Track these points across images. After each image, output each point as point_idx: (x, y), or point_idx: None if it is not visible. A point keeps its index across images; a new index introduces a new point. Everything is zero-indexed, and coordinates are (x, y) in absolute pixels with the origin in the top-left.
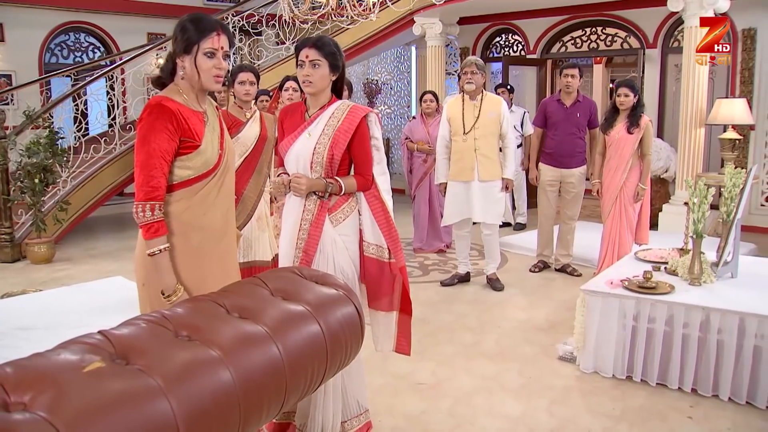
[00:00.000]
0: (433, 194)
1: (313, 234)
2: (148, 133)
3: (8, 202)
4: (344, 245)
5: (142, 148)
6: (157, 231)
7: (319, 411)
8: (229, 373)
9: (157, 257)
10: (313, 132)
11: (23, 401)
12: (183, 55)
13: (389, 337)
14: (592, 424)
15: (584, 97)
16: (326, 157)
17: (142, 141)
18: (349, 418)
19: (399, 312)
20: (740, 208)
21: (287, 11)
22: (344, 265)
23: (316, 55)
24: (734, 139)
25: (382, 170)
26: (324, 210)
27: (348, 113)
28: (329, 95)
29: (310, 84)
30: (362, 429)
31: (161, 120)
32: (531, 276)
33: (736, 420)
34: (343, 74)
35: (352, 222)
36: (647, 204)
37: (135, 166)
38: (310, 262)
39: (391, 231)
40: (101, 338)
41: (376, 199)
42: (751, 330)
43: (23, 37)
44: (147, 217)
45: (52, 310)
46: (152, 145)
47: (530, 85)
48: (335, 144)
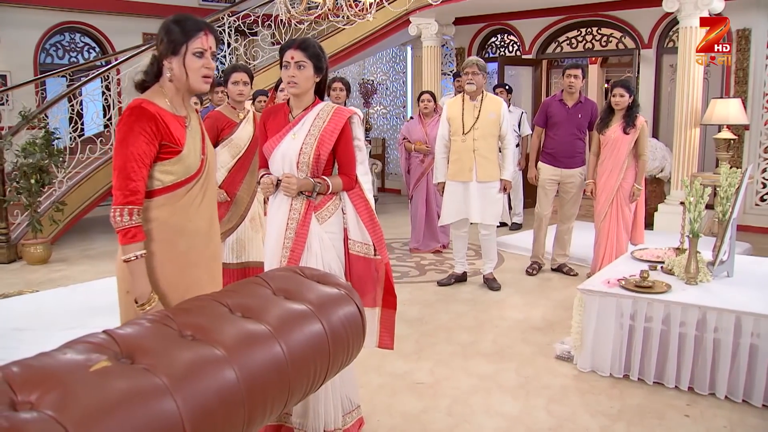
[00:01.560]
0: (430, 194)
1: (301, 233)
2: (127, 135)
3: (4, 202)
4: (331, 243)
5: (120, 151)
6: (134, 237)
7: (321, 406)
8: (233, 372)
9: (133, 263)
10: (299, 133)
11: (30, 400)
12: (170, 57)
13: (372, 332)
14: (589, 422)
15: (586, 98)
16: (312, 157)
17: (121, 143)
18: (342, 415)
19: (381, 307)
20: (736, 207)
21: (283, 11)
22: (331, 262)
23: (301, 57)
24: (729, 139)
25: (364, 170)
26: (311, 209)
27: (333, 114)
28: (312, 97)
29: (295, 85)
30: (355, 425)
31: (140, 122)
32: (527, 276)
33: (733, 418)
34: (326, 76)
35: (336, 220)
36: (642, 204)
37: (113, 169)
38: (297, 261)
39: (375, 229)
40: (106, 338)
41: (360, 198)
42: (747, 329)
43: (18, 38)
44: (125, 222)
45: (48, 311)
46: (130, 148)
47: (526, 85)
48: (321, 144)
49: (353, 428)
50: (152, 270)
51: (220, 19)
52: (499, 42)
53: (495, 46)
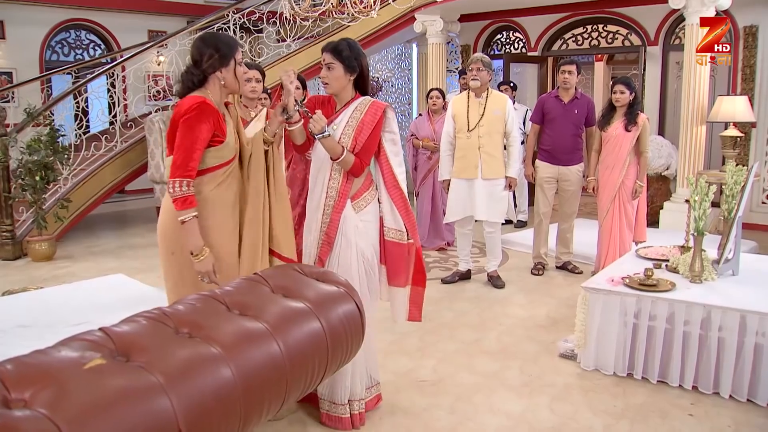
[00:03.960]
0: (436, 191)
1: (334, 218)
2: (196, 123)
3: (9, 199)
4: (366, 230)
5: (189, 134)
6: (190, 203)
7: (348, 379)
8: (229, 370)
9: (188, 223)
10: (339, 125)
11: (24, 398)
12: (221, 69)
13: (404, 309)
14: (593, 421)
15: (582, 94)
16: (350, 146)
17: (190, 128)
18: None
19: (411, 285)
20: (741, 205)
21: (288, 8)
22: (365, 248)
23: (331, 59)
24: (735, 136)
25: (399, 162)
26: (344, 197)
27: (370, 107)
28: (352, 92)
29: (327, 85)
30: (374, 399)
31: (206, 114)
32: (532, 274)
33: (737, 418)
34: (363, 73)
35: (373, 208)
36: (644, 201)
37: (177, 148)
38: (331, 245)
39: (409, 216)
40: (102, 335)
41: (396, 188)
42: (752, 327)
43: (24, 35)
44: (183, 191)
45: (53, 308)
46: (196, 133)
47: (531, 82)
48: (359, 134)
49: (371, 402)
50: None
51: (225, 15)
52: (504, 39)
53: (500, 43)
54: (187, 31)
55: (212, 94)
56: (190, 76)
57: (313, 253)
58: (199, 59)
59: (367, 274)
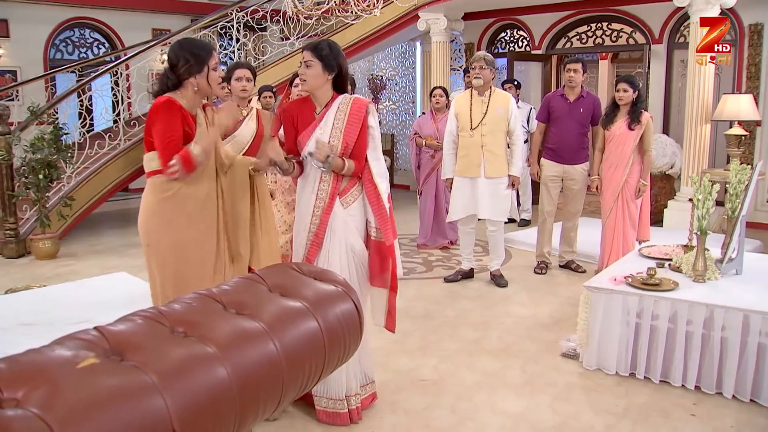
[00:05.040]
0: (439, 190)
1: (324, 219)
2: (165, 116)
3: (13, 197)
4: (354, 226)
5: (162, 122)
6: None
7: (343, 375)
8: (225, 369)
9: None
10: (324, 129)
11: (16, 397)
12: (195, 75)
13: (383, 312)
14: (594, 421)
15: (588, 92)
16: (340, 149)
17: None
18: (360, 386)
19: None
20: (745, 204)
21: (291, 7)
22: (354, 243)
23: (310, 56)
24: (740, 135)
25: (376, 156)
26: (334, 197)
27: (352, 106)
28: (330, 92)
29: (304, 82)
30: (369, 397)
31: (173, 110)
32: (535, 273)
33: (740, 418)
34: (341, 72)
35: (359, 204)
36: (647, 200)
37: (156, 138)
38: (319, 245)
39: (381, 211)
40: (96, 334)
41: (369, 182)
42: (755, 327)
43: (28, 33)
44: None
45: (55, 306)
46: (170, 122)
47: (535, 80)
48: (347, 135)
49: (366, 400)
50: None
51: (229, 14)
52: (508, 37)
53: (504, 41)
54: (191, 29)
55: (185, 97)
56: (165, 80)
57: (301, 254)
58: (176, 63)
59: (357, 268)
